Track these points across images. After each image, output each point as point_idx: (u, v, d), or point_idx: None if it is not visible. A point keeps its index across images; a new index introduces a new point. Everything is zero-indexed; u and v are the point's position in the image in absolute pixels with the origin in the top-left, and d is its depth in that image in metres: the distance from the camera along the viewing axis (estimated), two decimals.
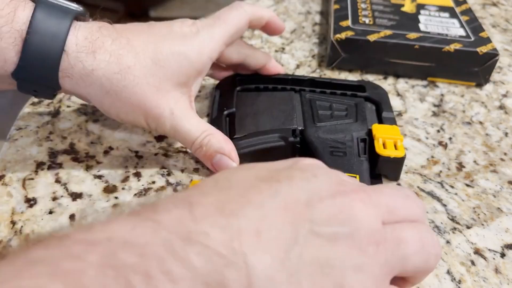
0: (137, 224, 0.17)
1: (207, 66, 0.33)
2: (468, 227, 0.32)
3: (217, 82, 0.42)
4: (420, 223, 0.22)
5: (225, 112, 0.37)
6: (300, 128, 0.35)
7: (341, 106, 0.38)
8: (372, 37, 0.46)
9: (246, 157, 0.33)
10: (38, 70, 0.28)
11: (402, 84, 0.47)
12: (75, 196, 0.32)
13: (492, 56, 0.45)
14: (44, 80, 0.29)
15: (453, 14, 0.52)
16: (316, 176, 0.21)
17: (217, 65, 0.40)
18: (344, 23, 0.49)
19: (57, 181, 0.34)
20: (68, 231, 0.17)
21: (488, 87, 0.48)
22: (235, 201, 0.19)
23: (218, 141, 0.32)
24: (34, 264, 0.15)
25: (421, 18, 0.50)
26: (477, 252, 0.30)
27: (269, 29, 0.37)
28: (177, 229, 0.17)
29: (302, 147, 0.35)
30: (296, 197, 0.19)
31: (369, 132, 0.35)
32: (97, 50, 0.29)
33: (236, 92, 0.39)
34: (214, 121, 0.37)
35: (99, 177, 0.34)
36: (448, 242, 0.31)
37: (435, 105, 0.44)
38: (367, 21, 0.49)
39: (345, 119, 0.36)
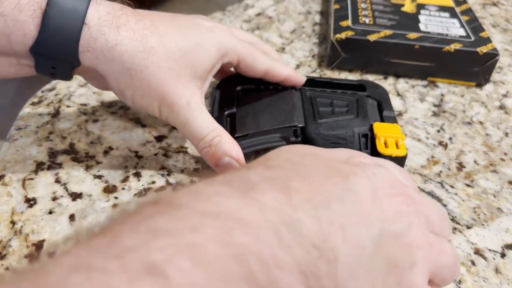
0: (240, 201, 0.17)
1: (218, 65, 0.33)
2: (468, 227, 0.32)
3: (217, 82, 0.42)
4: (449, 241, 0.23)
5: (226, 112, 0.37)
6: (301, 125, 0.35)
7: (342, 102, 0.38)
8: (372, 37, 0.46)
9: (247, 157, 0.33)
10: (58, 43, 0.28)
11: (402, 84, 0.47)
12: (75, 196, 0.32)
13: (492, 56, 0.45)
14: (64, 54, 0.28)
15: (453, 14, 0.52)
16: (374, 174, 0.21)
17: None
18: (344, 23, 0.48)
19: (57, 181, 0.33)
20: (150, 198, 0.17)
21: (488, 87, 0.48)
22: (319, 192, 0.19)
23: (227, 143, 0.32)
24: (158, 234, 0.15)
25: (421, 18, 0.50)
26: (477, 252, 0.30)
27: (287, 83, 0.38)
28: (280, 214, 0.17)
29: None
30: (364, 194, 0.20)
31: (371, 128, 0.35)
32: (121, 26, 0.29)
33: (236, 92, 0.39)
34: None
35: (99, 177, 0.34)
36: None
37: (435, 105, 0.44)
38: (367, 21, 0.49)
39: (346, 115, 0.36)
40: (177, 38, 0.30)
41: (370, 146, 0.34)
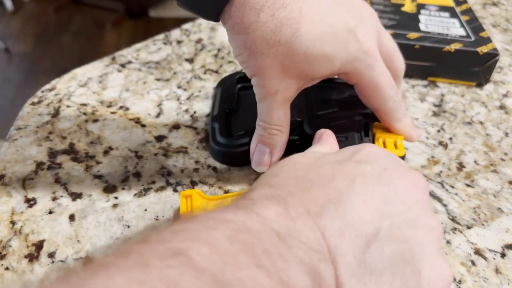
0: (245, 215, 0.19)
1: (333, 75, 0.32)
2: (469, 227, 0.32)
3: (218, 80, 0.42)
4: None
5: (226, 110, 0.37)
6: (300, 119, 0.35)
7: (343, 95, 0.38)
8: None
9: (247, 154, 0.33)
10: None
11: (403, 84, 0.47)
12: (75, 196, 0.32)
13: (493, 56, 0.45)
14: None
15: (453, 14, 0.52)
16: (386, 169, 0.22)
17: None
18: None
19: (57, 181, 0.33)
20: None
21: (489, 87, 0.48)
22: (318, 203, 0.20)
23: (279, 141, 0.32)
24: (179, 232, 0.17)
25: (421, 18, 0.50)
26: (477, 252, 0.30)
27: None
28: (280, 224, 0.19)
29: (302, 142, 0.35)
30: (373, 195, 0.21)
31: (372, 116, 0.35)
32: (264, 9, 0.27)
33: (237, 90, 0.39)
34: (215, 119, 0.37)
35: (99, 177, 0.34)
36: (448, 242, 0.31)
37: (435, 105, 0.44)
38: None
39: (347, 106, 0.36)
40: (312, 43, 0.28)
41: (372, 136, 0.34)
